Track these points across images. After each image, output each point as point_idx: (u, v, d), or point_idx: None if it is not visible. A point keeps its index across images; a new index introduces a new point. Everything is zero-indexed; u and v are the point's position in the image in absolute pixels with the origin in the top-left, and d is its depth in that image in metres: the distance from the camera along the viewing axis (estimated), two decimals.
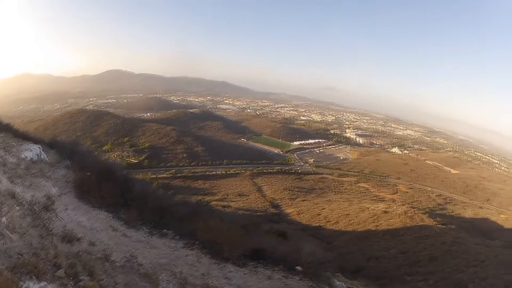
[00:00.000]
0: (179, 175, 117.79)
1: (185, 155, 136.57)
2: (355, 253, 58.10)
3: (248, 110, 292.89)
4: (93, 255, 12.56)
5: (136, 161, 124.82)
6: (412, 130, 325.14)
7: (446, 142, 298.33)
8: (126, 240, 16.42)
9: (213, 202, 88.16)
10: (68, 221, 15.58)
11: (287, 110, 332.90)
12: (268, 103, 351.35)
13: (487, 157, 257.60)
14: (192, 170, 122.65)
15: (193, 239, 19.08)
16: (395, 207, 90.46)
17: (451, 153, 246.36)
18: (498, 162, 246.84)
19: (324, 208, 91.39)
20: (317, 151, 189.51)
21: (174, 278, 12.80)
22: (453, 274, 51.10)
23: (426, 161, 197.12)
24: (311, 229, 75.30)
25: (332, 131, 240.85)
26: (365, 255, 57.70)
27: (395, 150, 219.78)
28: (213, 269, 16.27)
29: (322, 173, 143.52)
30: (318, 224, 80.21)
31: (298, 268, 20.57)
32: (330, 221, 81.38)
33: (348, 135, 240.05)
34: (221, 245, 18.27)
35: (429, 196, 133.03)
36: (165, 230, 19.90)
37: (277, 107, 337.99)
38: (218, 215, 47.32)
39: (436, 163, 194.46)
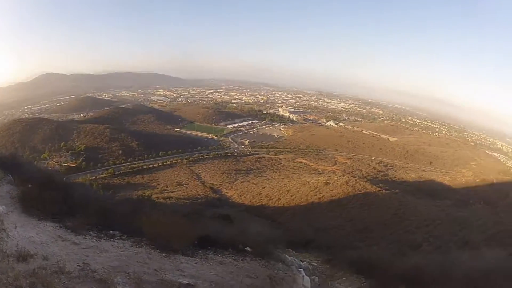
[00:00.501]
0: (118, 173, 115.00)
1: (121, 152, 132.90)
2: (302, 226, 58.00)
3: (180, 99, 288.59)
4: (48, 270, 12.02)
5: (74, 165, 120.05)
6: (346, 103, 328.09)
7: (381, 112, 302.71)
8: (76, 249, 15.74)
9: (154, 195, 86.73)
10: (20, 239, 14.72)
11: (219, 95, 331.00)
12: (198, 90, 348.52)
13: (426, 123, 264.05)
14: (130, 166, 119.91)
15: (140, 236, 18.71)
16: (335, 178, 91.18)
17: (388, 122, 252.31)
18: (438, 127, 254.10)
19: (264, 187, 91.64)
20: (252, 132, 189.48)
21: (129, 279, 12.45)
22: (405, 235, 52.02)
23: (363, 132, 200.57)
24: (254, 209, 75.08)
25: (265, 111, 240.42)
26: (312, 227, 57.41)
27: (330, 123, 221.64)
28: (165, 263, 15.91)
29: (258, 153, 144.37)
30: (260, 203, 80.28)
31: (248, 249, 20.42)
32: (272, 199, 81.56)
33: (281, 113, 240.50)
34: (168, 238, 18.02)
35: (369, 164, 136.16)
36: (111, 232, 19.43)
37: (208, 93, 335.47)
38: (160, 208, 46.80)
39: (373, 133, 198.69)
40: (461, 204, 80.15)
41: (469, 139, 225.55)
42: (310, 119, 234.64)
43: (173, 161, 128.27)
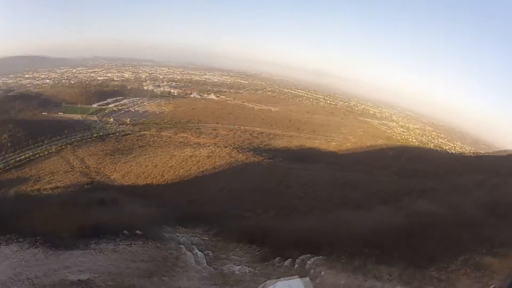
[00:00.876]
0: (8, 167, 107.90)
1: (9, 144, 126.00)
2: (188, 202, 59.76)
3: (64, 81, 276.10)
4: None
5: None
6: (228, 76, 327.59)
7: (263, 83, 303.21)
8: None
9: (42, 188, 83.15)
10: None
11: (102, 73, 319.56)
12: (82, 70, 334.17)
13: (310, 93, 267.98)
14: (18, 159, 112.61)
15: (34, 235, 18.83)
16: (217, 150, 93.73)
17: (270, 93, 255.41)
18: (323, 96, 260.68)
19: (147, 166, 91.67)
20: (133, 110, 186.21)
21: (32, 285, 12.83)
22: (293, 201, 54.27)
23: (244, 103, 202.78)
24: (139, 189, 75.33)
25: (146, 87, 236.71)
26: (198, 201, 59.66)
27: (212, 96, 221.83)
28: (62, 260, 16.37)
29: (140, 131, 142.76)
30: (145, 182, 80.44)
31: (138, 232, 21.16)
32: (156, 177, 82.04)
33: (162, 89, 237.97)
34: (60, 233, 18.26)
35: (250, 135, 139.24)
36: (8, 235, 19.37)
37: (91, 73, 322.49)
38: (48, 201, 45.78)
39: (255, 104, 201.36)
40: (347, 168, 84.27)
41: (355, 109, 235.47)
42: (191, 93, 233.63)
43: (58, 148, 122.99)
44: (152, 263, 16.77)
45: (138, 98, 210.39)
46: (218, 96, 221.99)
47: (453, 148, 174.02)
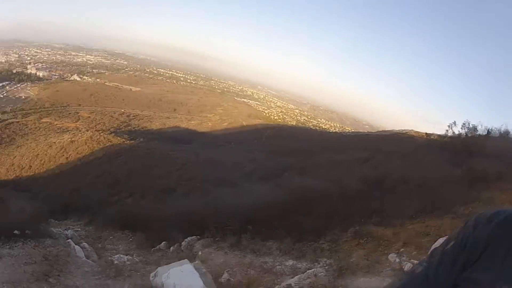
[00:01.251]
0: None
1: None
2: (56, 192, 56.27)
3: None
4: None
5: None
6: (92, 55, 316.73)
7: (126, 63, 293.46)
8: None
9: None
10: None
11: None
12: None
13: (170, 72, 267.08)
14: None
15: None
16: (80, 134, 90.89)
17: (132, 72, 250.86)
18: (184, 76, 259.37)
19: (15, 156, 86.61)
20: (1, 95, 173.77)
21: None
22: (158, 182, 52.78)
23: (106, 84, 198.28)
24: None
25: (14, 71, 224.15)
26: (66, 190, 56.69)
27: (75, 77, 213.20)
28: None
29: (7, 119, 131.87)
30: (15, 175, 75.76)
31: (16, 232, 19.52)
32: (24, 168, 78.13)
33: (29, 71, 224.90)
34: None
35: (112, 116, 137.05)
36: None
37: None
38: None
39: (117, 84, 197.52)
40: (210, 146, 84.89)
41: (216, 87, 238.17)
42: (55, 75, 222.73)
43: None
44: (46, 264, 15.16)
45: (7, 83, 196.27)
46: (81, 77, 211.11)
47: (332, 127, 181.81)
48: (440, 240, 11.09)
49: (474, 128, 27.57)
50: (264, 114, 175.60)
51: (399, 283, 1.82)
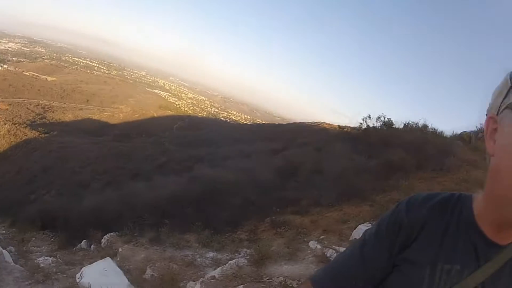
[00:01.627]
0: None
1: None
2: None
3: None
4: None
5: None
6: (13, 43, 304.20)
7: (44, 50, 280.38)
8: None
9: None
10: None
11: None
12: None
13: (85, 61, 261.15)
14: None
15: None
16: (12, 128, 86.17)
17: (48, 61, 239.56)
18: (98, 65, 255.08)
19: None
20: None
21: None
22: (73, 177, 51.61)
23: (24, 73, 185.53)
24: None
25: None
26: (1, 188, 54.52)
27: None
28: None
29: None
30: None
31: None
32: None
33: None
34: None
35: (27, 108, 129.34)
36: None
37: None
38: None
39: (33, 73, 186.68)
40: (122, 139, 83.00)
41: (128, 77, 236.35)
42: None
43: None
44: None
45: None
46: (1, 66, 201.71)
47: (243, 119, 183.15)
48: (361, 227, 11.36)
49: (390, 122, 28.16)
50: (175, 105, 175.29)
51: (334, 264, 1.83)
